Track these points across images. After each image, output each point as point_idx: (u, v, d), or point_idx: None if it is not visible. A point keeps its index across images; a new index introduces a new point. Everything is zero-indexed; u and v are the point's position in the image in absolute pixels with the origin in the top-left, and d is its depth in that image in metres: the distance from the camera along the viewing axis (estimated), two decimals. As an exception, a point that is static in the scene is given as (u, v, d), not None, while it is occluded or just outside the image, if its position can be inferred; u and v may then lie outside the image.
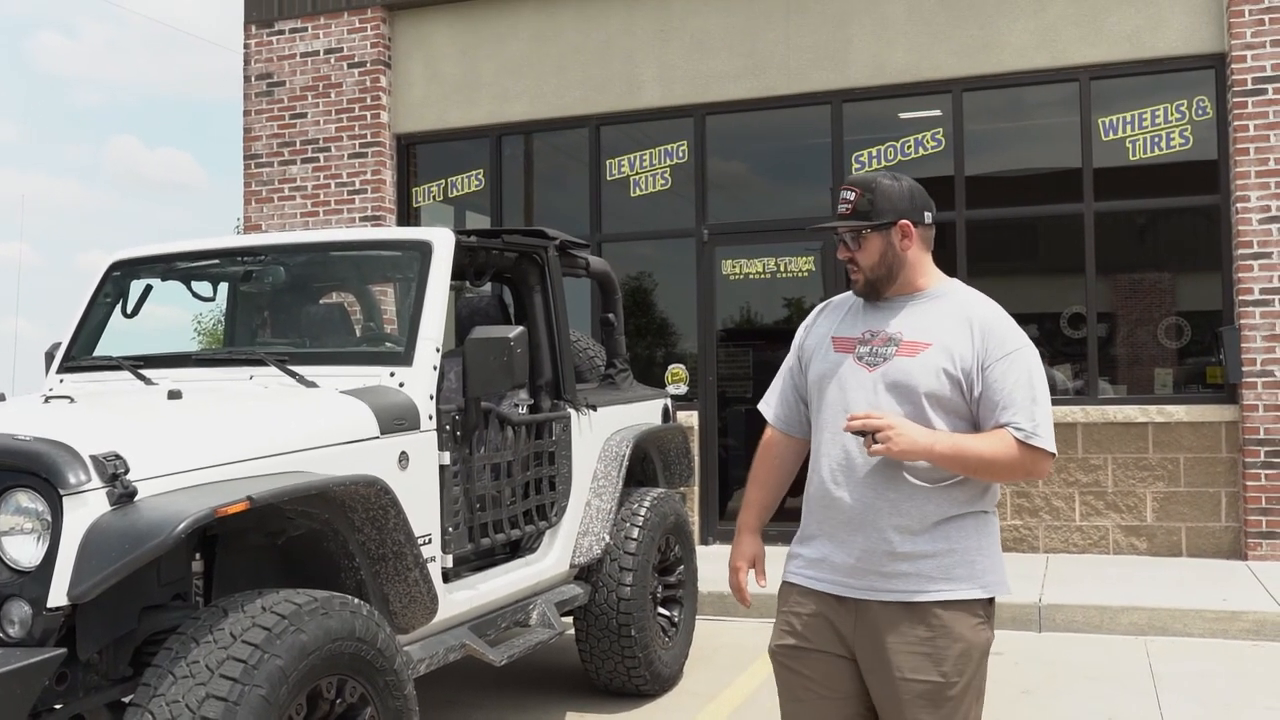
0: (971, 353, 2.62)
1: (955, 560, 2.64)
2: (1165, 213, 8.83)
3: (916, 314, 2.71)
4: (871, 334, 2.72)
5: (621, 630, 5.21)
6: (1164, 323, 8.67)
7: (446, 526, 4.15)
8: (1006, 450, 2.59)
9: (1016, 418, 2.59)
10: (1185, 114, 8.36)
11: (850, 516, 2.67)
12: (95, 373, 4.68)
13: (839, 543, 2.70)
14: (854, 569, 2.67)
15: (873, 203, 2.70)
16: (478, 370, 4.17)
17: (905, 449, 2.54)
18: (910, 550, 2.62)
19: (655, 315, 10.12)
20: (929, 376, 2.62)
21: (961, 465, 2.59)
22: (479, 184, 10.16)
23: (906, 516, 2.62)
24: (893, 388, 2.64)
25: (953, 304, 2.71)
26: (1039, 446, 2.60)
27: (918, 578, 2.62)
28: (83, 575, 2.84)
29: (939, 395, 2.62)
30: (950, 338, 2.64)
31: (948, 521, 2.64)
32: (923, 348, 2.64)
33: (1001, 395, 2.61)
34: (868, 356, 2.70)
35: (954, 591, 2.63)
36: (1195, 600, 6.73)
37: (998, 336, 2.64)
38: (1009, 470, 2.62)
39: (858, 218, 2.71)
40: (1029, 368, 2.64)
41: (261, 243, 4.93)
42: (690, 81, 9.38)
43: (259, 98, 10.49)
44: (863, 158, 9.01)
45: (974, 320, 2.66)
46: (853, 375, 2.70)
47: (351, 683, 3.21)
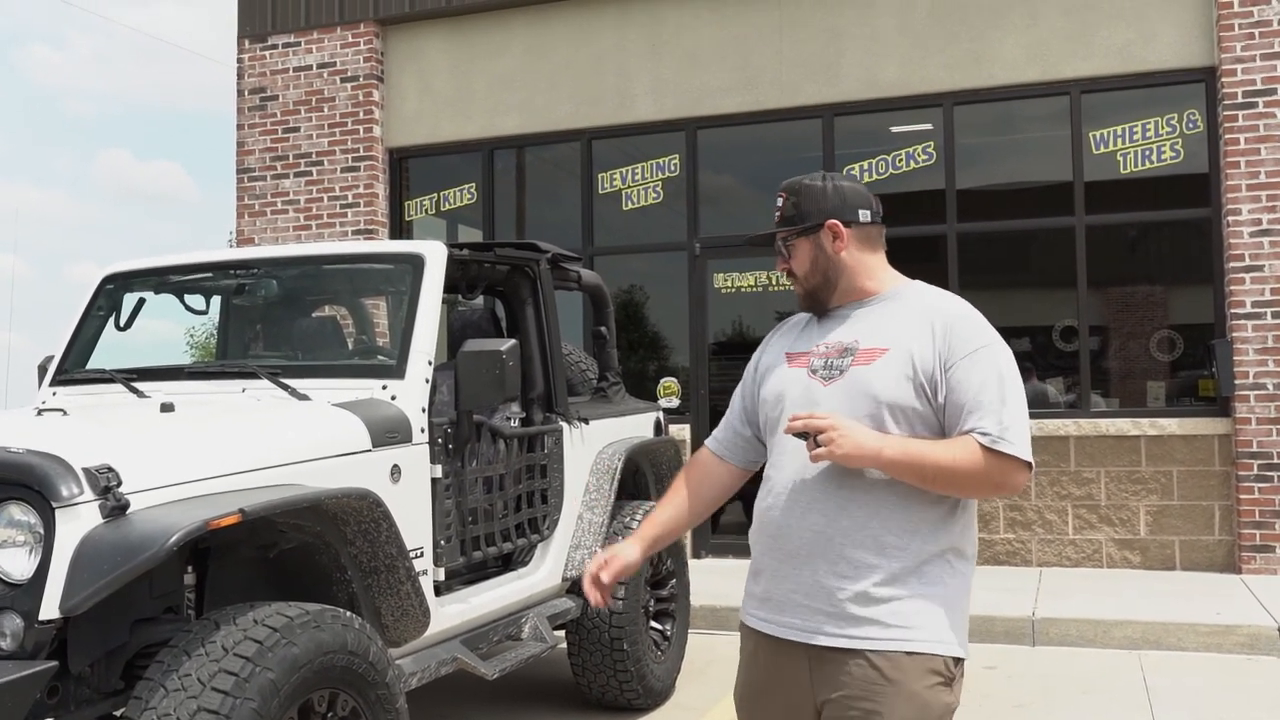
0: (933, 353, 2.34)
1: (916, 606, 2.30)
2: (1156, 226, 8.87)
3: (872, 319, 2.44)
4: (826, 346, 2.46)
5: (614, 644, 5.19)
6: (1156, 336, 8.69)
7: (438, 539, 4.15)
8: (969, 457, 2.26)
9: (982, 421, 2.28)
10: (1176, 127, 8.40)
11: (798, 547, 2.37)
12: (88, 386, 4.67)
13: (784, 577, 2.39)
14: (801, 607, 2.36)
15: (797, 205, 2.51)
16: (470, 383, 4.16)
17: (850, 451, 2.25)
18: (864, 590, 2.30)
19: (647, 328, 10.13)
20: (888, 384, 2.34)
21: (915, 472, 2.27)
22: (471, 198, 10.18)
23: (862, 549, 2.31)
24: (851, 399, 2.35)
25: (911, 304, 2.44)
26: (1008, 454, 2.27)
27: (870, 623, 2.30)
28: (75, 588, 2.83)
29: (902, 405, 2.33)
30: (909, 339, 2.36)
31: (911, 559, 2.32)
32: (879, 354, 2.37)
33: (967, 397, 2.30)
34: (823, 370, 2.43)
35: (909, 642, 2.28)
36: (1189, 614, 6.73)
37: (961, 333, 2.35)
38: (973, 481, 2.28)
39: (785, 224, 2.53)
40: (997, 365, 2.33)
41: (254, 256, 4.93)
42: (682, 95, 9.41)
43: (252, 112, 10.50)
44: (854, 171, 9.04)
45: (935, 318, 2.38)
46: (808, 391, 2.42)
47: (343, 696, 3.20)
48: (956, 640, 2.34)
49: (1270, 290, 7.93)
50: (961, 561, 2.38)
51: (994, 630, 6.79)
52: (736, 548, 9.15)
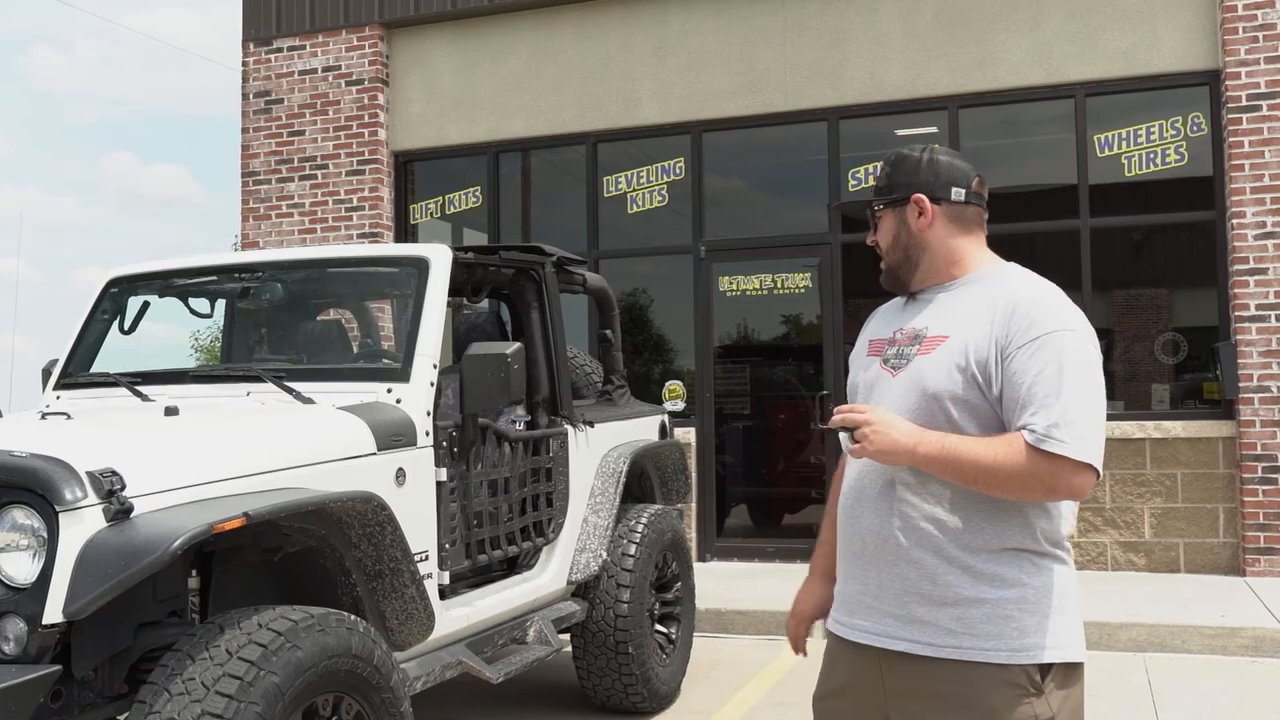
0: (989, 339, 2.14)
1: (983, 612, 2.12)
2: (1161, 229, 8.85)
3: (947, 304, 2.26)
4: (901, 333, 2.30)
5: (619, 647, 5.19)
6: (1160, 339, 8.68)
7: (443, 543, 4.15)
8: (1012, 457, 2.05)
9: (1034, 417, 2.05)
10: (1180, 130, 8.39)
11: (864, 547, 2.26)
12: (92, 389, 4.67)
13: (853, 578, 2.30)
14: (870, 609, 2.25)
15: (890, 175, 2.34)
16: (475, 386, 4.17)
17: (883, 447, 2.11)
18: (928, 592, 2.15)
19: (652, 332, 10.13)
20: (938, 375, 2.17)
21: (953, 471, 2.09)
22: (476, 201, 10.19)
23: (924, 549, 2.16)
24: (913, 393, 2.20)
25: (989, 287, 2.23)
26: (1059, 454, 2.03)
27: (934, 628, 2.14)
28: (78, 592, 2.83)
29: (957, 397, 2.14)
30: (969, 326, 2.18)
31: (979, 560, 2.14)
32: (939, 342, 2.20)
33: (1021, 390, 2.08)
34: (893, 359, 2.28)
35: (975, 651, 2.11)
36: (1194, 616, 6.72)
37: (1024, 318, 2.12)
38: (1019, 483, 2.06)
39: (877, 194, 2.37)
40: (1059, 354, 2.08)
41: (259, 259, 4.94)
42: (688, 99, 9.42)
43: (257, 115, 10.52)
44: (859, 174, 9.03)
45: (999, 301, 2.17)
46: (880, 382, 2.29)
47: (348, 700, 3.20)
48: (1038, 644, 2.11)
49: (1274, 293, 7.92)
50: (1046, 557, 2.16)
51: (999, 634, 6.76)
52: (742, 551, 9.14)
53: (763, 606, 7.22)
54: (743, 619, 7.17)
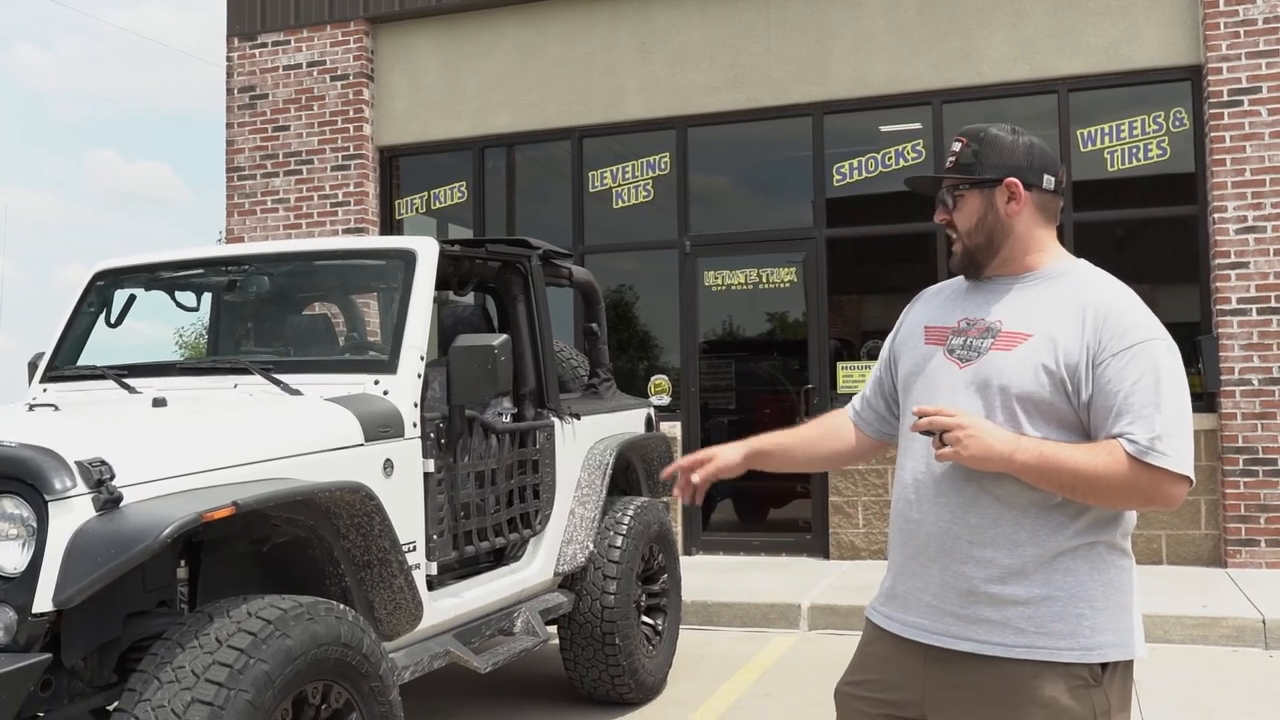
0: (1080, 344, 2.10)
1: (1054, 610, 2.09)
2: (1143, 223, 8.92)
3: (1024, 299, 2.21)
4: (969, 323, 2.24)
5: (605, 638, 5.21)
6: (1143, 332, 8.73)
7: (431, 534, 4.16)
8: (1113, 466, 2.03)
9: (1132, 427, 2.03)
10: (1163, 125, 8.45)
11: (926, 544, 2.20)
12: (79, 382, 4.67)
13: (913, 574, 2.24)
14: (929, 608, 2.20)
15: (977, 154, 2.25)
16: (462, 378, 4.18)
17: (978, 454, 2.06)
18: (997, 592, 2.12)
19: (638, 328, 10.15)
20: (1024, 375, 2.12)
21: (1051, 480, 2.06)
22: (462, 196, 10.19)
23: (992, 547, 2.12)
24: (983, 389, 2.16)
25: (1069, 286, 2.19)
26: (1161, 466, 2.02)
27: (1003, 627, 2.11)
28: (68, 581, 2.84)
29: (1036, 399, 2.11)
30: (1057, 327, 2.13)
31: (1049, 557, 2.11)
32: (1021, 340, 2.14)
33: (1117, 399, 2.06)
34: (960, 350, 2.22)
35: (1046, 651, 2.09)
36: (1176, 607, 6.77)
37: (1117, 324, 2.10)
38: (1118, 493, 2.05)
39: (959, 171, 2.27)
40: (1156, 364, 2.07)
41: (246, 252, 4.94)
42: (672, 94, 9.44)
43: (242, 110, 10.50)
44: (844, 169, 9.07)
45: (1089, 305, 2.13)
46: (942, 372, 2.23)
47: (337, 688, 3.22)
48: (1109, 642, 2.11)
49: (1255, 287, 7.99)
50: (1114, 553, 2.15)
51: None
52: (727, 544, 9.17)
53: (748, 599, 7.25)
54: (728, 611, 7.21)
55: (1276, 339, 7.94)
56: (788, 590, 7.50)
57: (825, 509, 8.93)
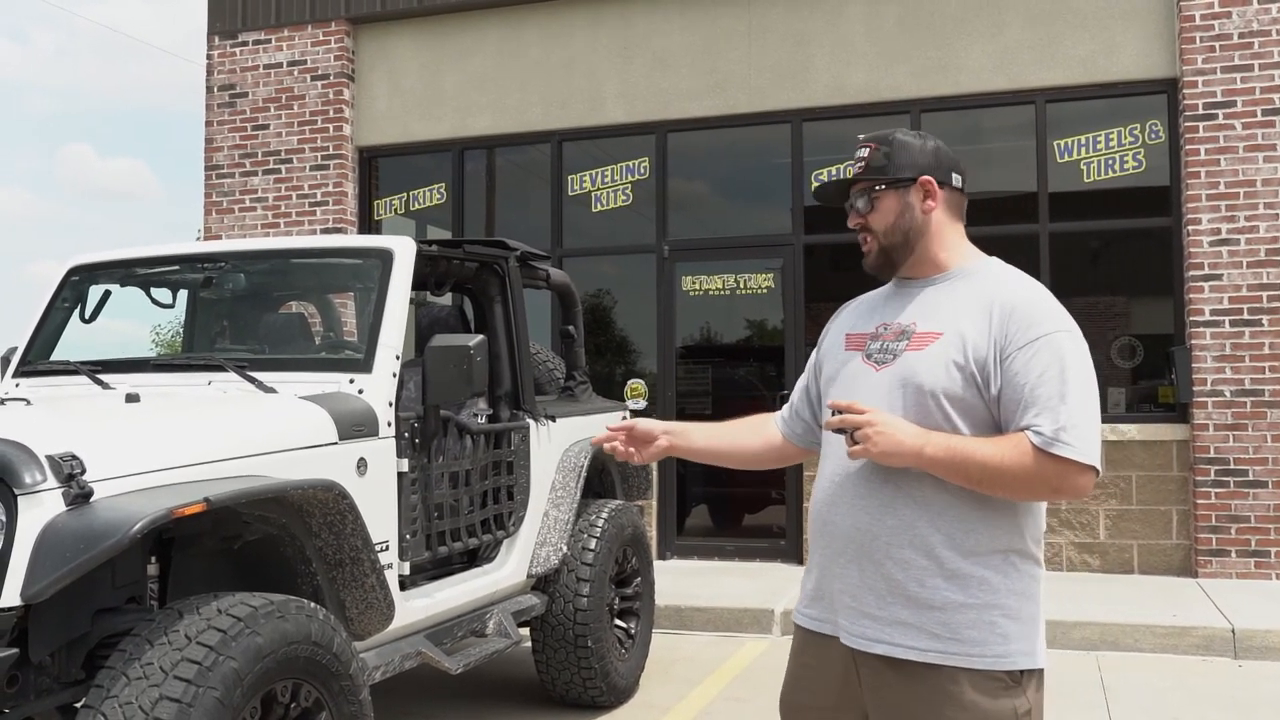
0: (988, 339, 2.13)
1: (969, 618, 2.11)
2: (1119, 235, 8.98)
3: (937, 298, 2.25)
4: (885, 327, 2.27)
5: (578, 641, 5.21)
6: (1117, 343, 8.80)
7: (404, 534, 4.15)
8: (1020, 458, 2.05)
9: (1039, 419, 2.06)
10: (1139, 138, 8.52)
11: (844, 545, 2.21)
12: (52, 377, 4.64)
13: (833, 575, 2.24)
14: (848, 609, 2.21)
15: (889, 156, 2.29)
16: (437, 377, 4.18)
17: (887, 449, 2.07)
18: (912, 594, 2.13)
19: (615, 332, 10.15)
20: (936, 372, 2.14)
21: (960, 473, 2.08)
22: (440, 198, 10.18)
23: (910, 549, 2.14)
24: (902, 388, 2.17)
25: (979, 284, 2.24)
26: (1066, 457, 2.04)
27: (918, 631, 2.12)
28: (37, 575, 2.82)
29: (951, 395, 2.13)
30: (965, 323, 2.16)
31: (964, 562, 2.12)
32: (933, 339, 2.17)
33: (1024, 391, 2.08)
34: (877, 354, 2.25)
35: (960, 657, 2.10)
36: (1146, 616, 6.82)
37: (1023, 318, 2.13)
38: (1025, 484, 2.07)
39: (872, 174, 2.30)
40: (1060, 356, 2.09)
41: (222, 249, 4.92)
42: (652, 99, 9.46)
43: (221, 109, 10.45)
44: (822, 176, 9.10)
45: (996, 300, 2.16)
46: (860, 376, 2.25)
47: (307, 687, 3.20)
48: (1020, 650, 2.12)
49: (1229, 299, 8.06)
50: (1026, 562, 2.16)
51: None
52: (702, 549, 9.18)
53: (722, 604, 7.26)
54: (701, 616, 7.21)
55: (1249, 351, 8.01)
56: (761, 596, 7.51)
57: (800, 515, 8.95)
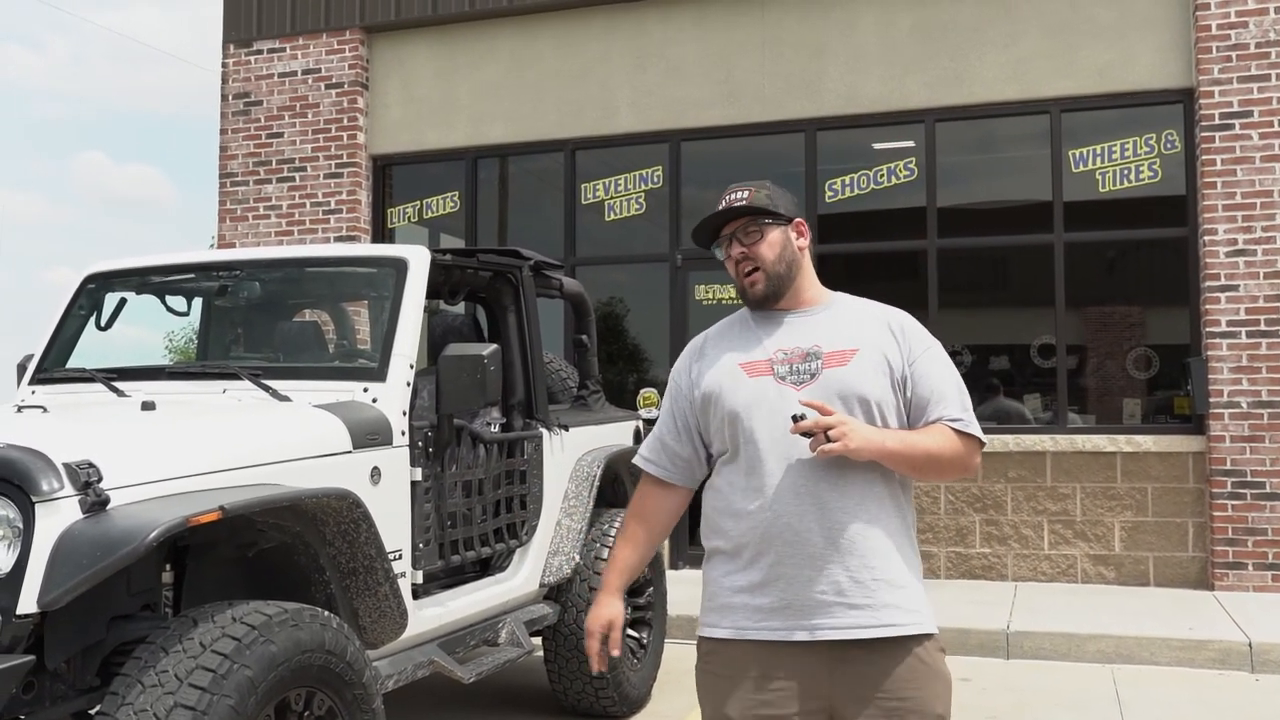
0: (899, 352, 2.53)
1: (916, 590, 2.48)
2: (1134, 245, 8.96)
3: (822, 324, 2.57)
4: (785, 353, 2.53)
5: (591, 650, 5.19)
6: (1133, 354, 8.77)
7: (417, 542, 4.15)
8: (949, 443, 2.49)
9: (950, 409, 2.51)
10: (1154, 148, 8.50)
11: (818, 549, 2.42)
12: (68, 385, 4.65)
13: (807, 581, 2.42)
14: (833, 605, 2.41)
15: (770, 198, 2.59)
16: (451, 386, 4.18)
17: (860, 446, 2.36)
18: (884, 578, 2.43)
19: (628, 341, 10.15)
20: (872, 382, 2.48)
21: (909, 461, 2.45)
22: (454, 206, 10.20)
23: (873, 540, 2.44)
24: (842, 400, 2.46)
25: (858, 310, 2.62)
26: (974, 434, 2.53)
27: (895, 609, 2.43)
28: (53, 583, 2.83)
29: (885, 400, 2.49)
30: (875, 339, 2.53)
31: (898, 546, 2.47)
32: (850, 354, 2.50)
33: (932, 389, 2.51)
34: (791, 375, 2.50)
35: (924, 625, 2.46)
36: (1162, 629, 6.78)
37: (915, 334, 2.58)
38: (951, 464, 2.51)
39: (759, 208, 2.57)
40: (947, 361, 2.60)
41: (237, 258, 4.94)
42: (666, 108, 9.46)
43: (235, 116, 10.50)
44: (836, 185, 9.10)
45: (890, 322, 2.58)
46: (781, 397, 2.47)
47: (320, 695, 3.21)
48: (933, 615, 2.52)
49: (1245, 310, 8.02)
50: (916, 542, 2.59)
51: (968, 643, 6.83)
52: (714, 559, 9.14)
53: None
54: (715, 626, 7.17)
55: (1266, 362, 7.97)
56: (774, 605, 7.47)
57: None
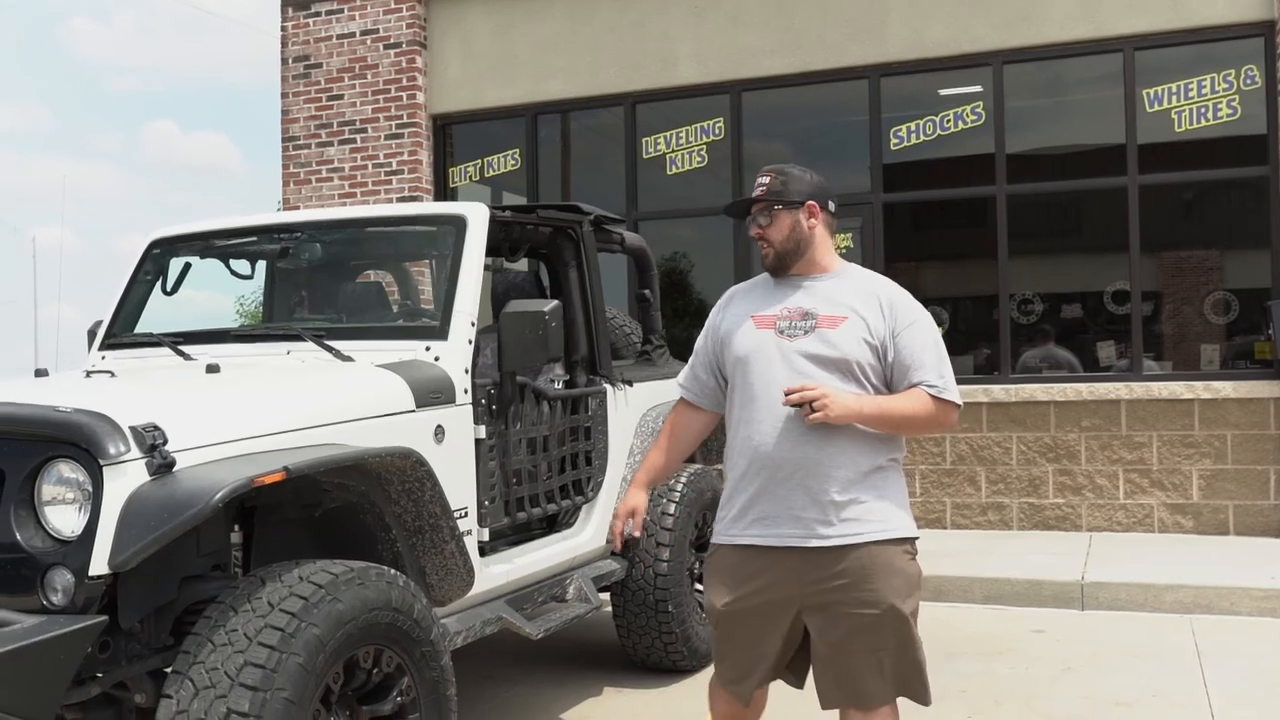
0: (883, 323, 2.98)
1: (882, 506, 2.98)
2: (1212, 186, 8.68)
3: (826, 291, 3.06)
4: (788, 310, 3.05)
5: (659, 606, 5.20)
6: (1210, 298, 8.53)
7: (482, 500, 4.15)
8: (923, 406, 2.97)
9: (927, 376, 2.98)
10: (1233, 84, 8.20)
11: (791, 473, 2.97)
12: (136, 349, 4.71)
13: (780, 499, 2.99)
14: (799, 520, 2.96)
15: (785, 184, 3.08)
16: (513, 343, 4.16)
17: (840, 415, 2.88)
18: (847, 498, 2.95)
19: (692, 295, 10.08)
20: (855, 345, 2.97)
21: (885, 422, 2.95)
22: (515, 164, 10.16)
23: (841, 469, 2.94)
24: (815, 357, 2.97)
25: (857, 282, 3.08)
26: (948, 399, 2.99)
27: (855, 521, 2.94)
28: (123, 544, 2.86)
29: (865, 362, 2.97)
30: (864, 310, 3.00)
31: (871, 473, 2.98)
32: (840, 320, 2.99)
33: (912, 358, 2.98)
34: (788, 330, 3.03)
35: (886, 532, 2.97)
36: (1242, 578, 6.62)
37: (903, 307, 3.02)
38: (925, 423, 3.01)
39: (772, 196, 3.08)
40: (931, 334, 3.03)
41: (298, 219, 4.94)
42: (726, 58, 9.32)
43: (296, 80, 10.53)
44: (901, 133, 8.92)
45: (880, 295, 3.03)
46: (778, 348, 3.02)
47: (388, 653, 3.22)
48: (908, 525, 3.04)
49: (1329, 250, 7.75)
50: (898, 468, 3.08)
51: (1041, 594, 6.73)
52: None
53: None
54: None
55: (1350, 304, 7.70)
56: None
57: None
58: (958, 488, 8.65)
